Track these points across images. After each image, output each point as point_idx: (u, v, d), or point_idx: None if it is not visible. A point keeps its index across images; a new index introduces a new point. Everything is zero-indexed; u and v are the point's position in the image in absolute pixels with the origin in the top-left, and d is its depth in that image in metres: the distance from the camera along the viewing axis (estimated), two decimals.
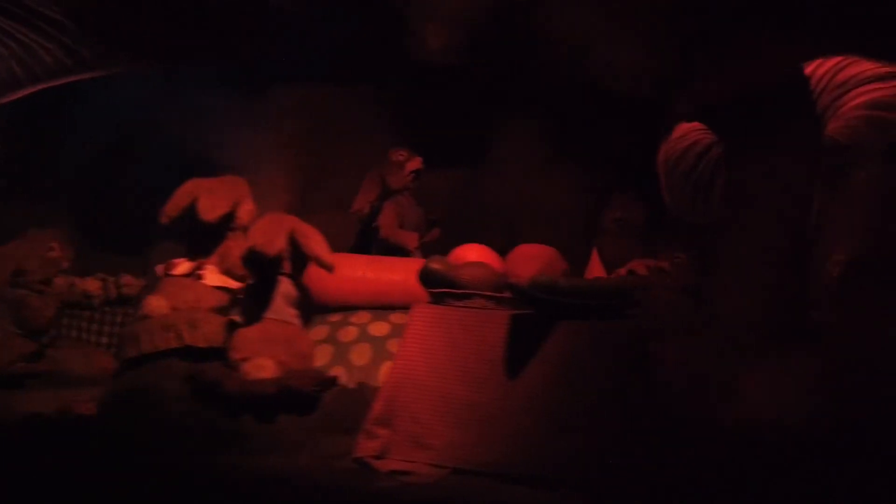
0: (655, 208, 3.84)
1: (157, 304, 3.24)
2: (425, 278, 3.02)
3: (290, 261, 3.23)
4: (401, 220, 4.12)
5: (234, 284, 3.49)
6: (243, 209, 3.61)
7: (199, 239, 3.58)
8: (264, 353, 2.97)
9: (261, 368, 2.88)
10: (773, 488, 2.33)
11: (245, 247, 3.23)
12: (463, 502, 2.39)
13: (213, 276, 3.46)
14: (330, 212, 4.19)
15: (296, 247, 3.21)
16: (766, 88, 3.03)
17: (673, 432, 2.61)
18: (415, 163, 4.16)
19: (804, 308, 2.85)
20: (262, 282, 3.25)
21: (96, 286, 4.09)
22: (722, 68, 3.08)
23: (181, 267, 3.46)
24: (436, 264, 3.03)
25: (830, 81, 2.95)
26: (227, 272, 3.52)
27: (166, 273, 3.47)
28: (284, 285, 3.22)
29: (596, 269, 3.99)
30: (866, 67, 2.86)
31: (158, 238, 4.00)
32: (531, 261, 3.26)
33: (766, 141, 3.10)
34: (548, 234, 4.24)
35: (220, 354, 3.11)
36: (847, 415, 2.42)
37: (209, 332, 3.16)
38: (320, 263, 3.15)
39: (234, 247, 3.52)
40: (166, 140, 4.12)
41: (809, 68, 2.95)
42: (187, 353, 3.13)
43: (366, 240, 4.17)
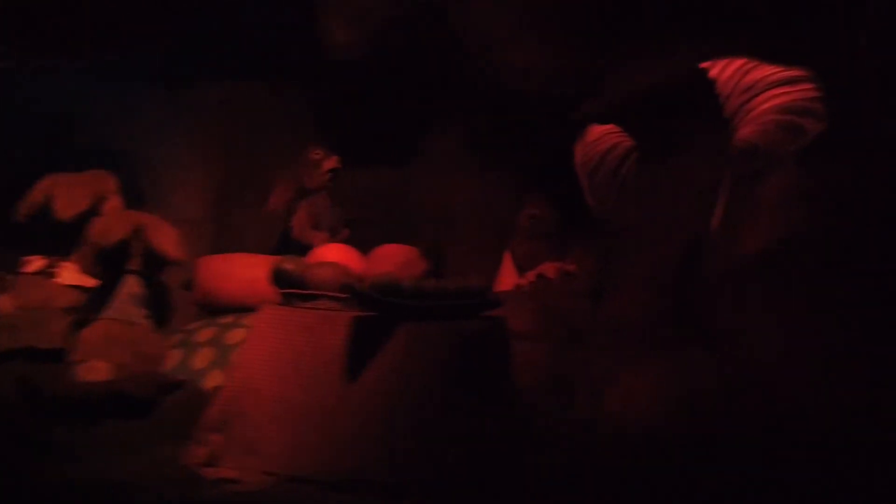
0: (566, 209, 3.83)
1: (1, 304, 3.11)
2: (276, 278, 2.92)
3: (138, 258, 3.11)
4: (316, 219, 4.02)
5: (90, 283, 3.35)
6: (108, 206, 3.47)
7: (61, 236, 3.41)
8: (103, 354, 2.86)
9: (93, 371, 2.76)
10: (635, 489, 2.29)
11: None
12: None
13: (68, 274, 3.32)
14: (253, 210, 4.09)
15: (147, 244, 3.11)
16: (669, 90, 3.01)
17: (524, 434, 2.57)
18: (331, 161, 4.04)
19: (694, 310, 2.83)
20: (112, 280, 3.14)
21: None
22: (626, 69, 3.06)
23: (33, 265, 3.32)
24: (287, 264, 2.93)
25: (737, 85, 2.93)
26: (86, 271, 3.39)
27: (18, 271, 3.33)
28: (130, 284, 3.11)
29: (507, 272, 3.95)
30: (772, 70, 2.85)
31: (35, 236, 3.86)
32: (389, 261, 3.18)
33: (668, 143, 3.08)
34: (474, 235, 4.20)
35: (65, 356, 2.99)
36: (733, 416, 2.41)
37: (53, 332, 3.04)
38: (167, 258, 3.05)
39: None
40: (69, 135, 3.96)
41: (714, 71, 2.92)
42: (32, 354, 3.00)
43: (285, 239, 4.06)
